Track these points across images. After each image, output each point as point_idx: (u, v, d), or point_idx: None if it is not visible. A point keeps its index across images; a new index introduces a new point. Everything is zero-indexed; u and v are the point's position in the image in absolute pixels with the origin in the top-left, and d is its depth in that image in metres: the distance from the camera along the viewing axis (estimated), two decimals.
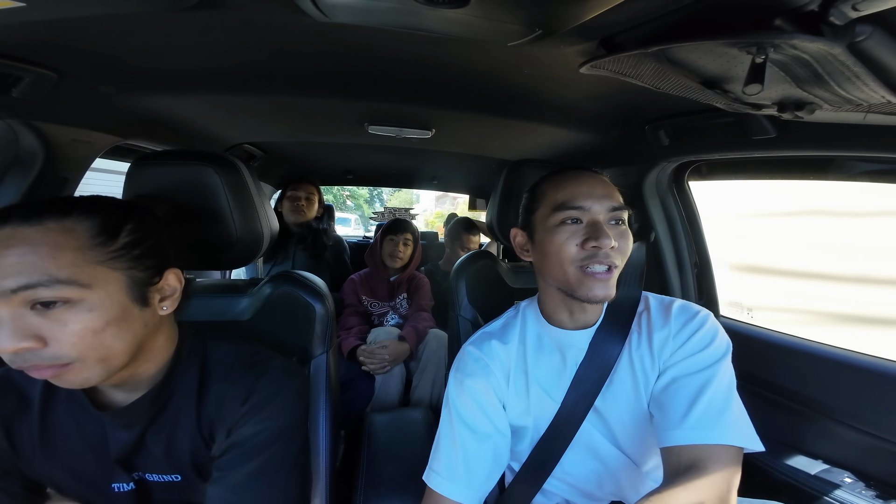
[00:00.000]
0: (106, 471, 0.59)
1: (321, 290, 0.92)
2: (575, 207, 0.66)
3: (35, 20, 0.56)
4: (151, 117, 1.07)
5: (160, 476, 0.61)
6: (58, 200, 0.50)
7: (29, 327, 0.45)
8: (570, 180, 0.69)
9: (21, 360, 0.46)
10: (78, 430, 0.59)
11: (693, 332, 0.68)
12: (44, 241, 0.46)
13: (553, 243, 0.67)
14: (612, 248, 0.64)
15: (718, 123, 0.90)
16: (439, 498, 0.66)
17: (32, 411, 0.59)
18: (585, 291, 0.65)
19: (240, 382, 0.60)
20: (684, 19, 0.49)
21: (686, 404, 0.62)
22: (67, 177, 0.98)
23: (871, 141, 0.71)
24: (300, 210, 2.00)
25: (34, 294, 0.45)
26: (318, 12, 0.54)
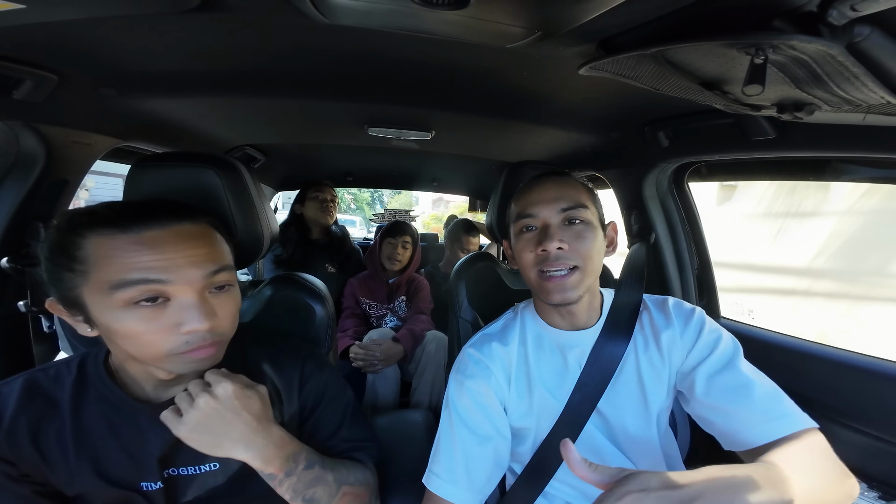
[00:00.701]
0: (137, 470, 0.59)
1: (321, 292, 0.93)
2: (526, 215, 0.70)
3: (35, 22, 0.56)
4: (152, 119, 1.08)
5: (195, 468, 0.61)
6: (188, 204, 0.58)
7: (211, 307, 0.54)
8: (527, 189, 0.74)
9: (200, 339, 0.53)
10: (111, 430, 0.59)
11: (698, 330, 0.70)
12: (211, 235, 0.57)
13: (517, 252, 0.72)
14: (560, 250, 0.66)
15: (718, 124, 0.90)
16: (439, 500, 0.66)
17: (62, 415, 0.58)
18: (545, 295, 0.68)
19: (289, 364, 0.69)
20: (683, 20, 0.49)
21: (744, 401, 0.62)
22: (68, 179, 0.98)
23: (870, 142, 0.71)
24: (329, 211, 1.99)
25: (219, 277, 0.55)
26: (318, 14, 0.54)
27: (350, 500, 0.64)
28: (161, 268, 0.50)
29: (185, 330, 0.51)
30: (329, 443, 0.69)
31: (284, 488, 0.59)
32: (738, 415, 0.62)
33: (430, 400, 1.60)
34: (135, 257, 0.49)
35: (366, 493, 0.68)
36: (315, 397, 0.70)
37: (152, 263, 0.50)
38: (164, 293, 0.51)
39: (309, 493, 0.60)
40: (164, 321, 0.51)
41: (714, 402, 0.65)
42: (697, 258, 1.31)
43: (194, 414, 0.54)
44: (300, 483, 0.60)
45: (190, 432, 0.54)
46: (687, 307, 0.75)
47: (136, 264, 0.49)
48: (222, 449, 0.55)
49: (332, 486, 0.62)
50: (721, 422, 0.64)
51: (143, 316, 0.50)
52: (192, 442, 0.54)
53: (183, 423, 0.54)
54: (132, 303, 0.49)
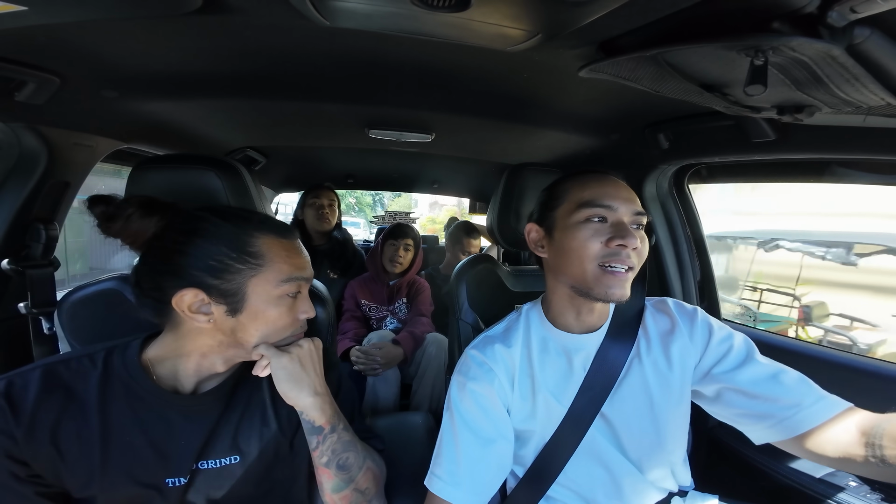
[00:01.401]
0: (164, 466, 0.60)
1: (322, 295, 0.92)
2: (602, 206, 0.67)
3: (38, 24, 0.57)
4: (153, 121, 1.08)
5: (218, 461, 0.63)
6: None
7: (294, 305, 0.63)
8: (596, 180, 0.70)
9: (302, 326, 0.65)
10: (140, 425, 0.59)
11: (708, 330, 0.72)
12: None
13: (575, 239, 0.68)
14: (633, 250, 0.65)
15: (718, 126, 0.90)
16: (441, 503, 0.65)
17: (87, 412, 0.57)
18: (603, 289, 0.65)
19: None
20: (683, 22, 0.49)
21: (780, 388, 0.64)
22: (69, 181, 0.99)
23: (871, 143, 0.71)
24: (325, 218, 1.95)
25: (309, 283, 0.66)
26: (319, 17, 0.54)
27: (370, 480, 0.68)
28: (305, 268, 0.64)
29: (303, 317, 0.64)
30: None
31: (326, 446, 0.64)
32: (778, 401, 0.63)
33: (430, 402, 1.60)
34: (295, 259, 0.62)
35: (381, 477, 0.71)
36: (334, 389, 0.72)
37: (300, 265, 0.63)
38: (301, 288, 0.63)
39: (343, 456, 0.65)
40: (294, 311, 0.63)
41: (749, 391, 0.65)
42: (698, 261, 1.31)
43: (297, 351, 0.63)
44: (339, 443, 0.65)
45: (286, 365, 0.62)
46: (688, 307, 0.75)
47: (297, 263, 0.62)
48: (297, 389, 0.62)
49: (360, 456, 0.67)
50: (759, 413, 0.64)
51: (288, 305, 0.62)
52: (281, 375, 0.62)
53: (284, 355, 0.62)
54: (285, 294, 0.61)
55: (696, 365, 0.71)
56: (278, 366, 0.62)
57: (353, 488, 0.65)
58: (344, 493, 0.65)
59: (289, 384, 0.62)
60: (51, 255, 0.95)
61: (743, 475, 1.00)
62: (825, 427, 0.59)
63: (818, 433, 0.60)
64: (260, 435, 0.66)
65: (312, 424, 0.64)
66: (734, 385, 0.67)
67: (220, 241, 0.58)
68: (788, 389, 0.63)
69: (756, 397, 0.64)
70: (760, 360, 0.68)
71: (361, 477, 0.66)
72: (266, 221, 0.63)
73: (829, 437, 0.59)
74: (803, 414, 0.60)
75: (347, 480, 0.65)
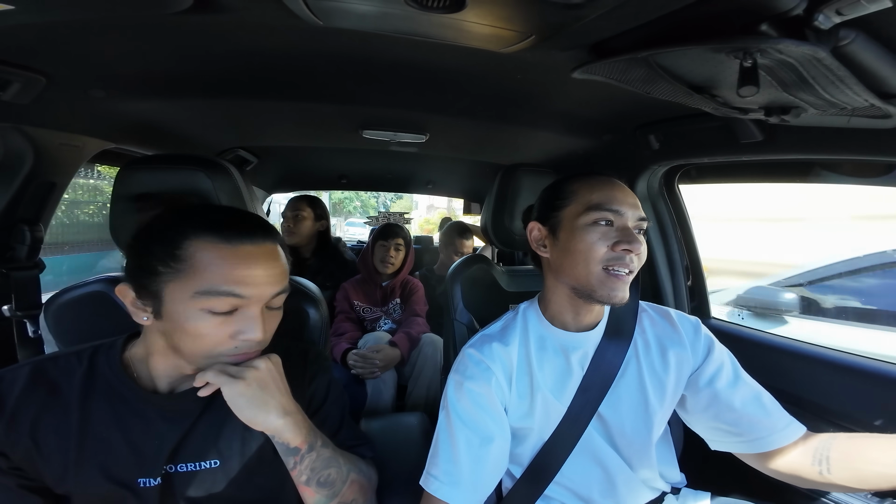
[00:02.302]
0: (138, 465, 0.59)
1: (315, 296, 0.92)
2: (611, 210, 0.68)
3: (24, 23, 0.55)
4: (142, 121, 1.06)
5: (195, 464, 0.61)
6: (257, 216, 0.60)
7: (264, 321, 0.56)
8: (605, 184, 0.71)
9: (248, 347, 0.56)
10: (117, 423, 0.59)
11: (708, 346, 0.75)
12: (282, 257, 0.60)
13: (582, 241, 0.68)
14: (636, 254, 0.67)
15: (707, 127, 0.91)
16: (437, 502, 0.65)
17: (67, 406, 0.57)
18: (606, 291, 0.67)
19: (297, 363, 0.70)
20: (673, 25, 0.49)
21: (762, 410, 0.70)
22: (55, 181, 0.97)
23: (855, 144, 0.73)
24: (289, 232, 1.91)
25: (280, 298, 0.59)
26: (312, 17, 0.54)
27: (357, 491, 0.66)
28: (247, 283, 0.53)
29: (242, 338, 0.55)
30: (333, 440, 0.69)
31: (304, 465, 0.60)
32: (760, 422, 0.69)
33: (425, 403, 1.60)
34: (230, 270, 0.53)
35: (369, 487, 0.69)
36: (321, 396, 0.72)
37: (242, 278, 0.53)
38: (238, 305, 0.54)
39: (325, 473, 0.61)
40: (228, 328, 0.54)
41: (738, 409, 0.70)
42: (688, 260, 1.33)
43: (253, 374, 0.56)
44: (318, 461, 0.61)
45: (243, 392, 0.55)
46: (691, 319, 0.78)
47: (230, 277, 0.53)
48: (263, 414, 0.56)
49: (343, 470, 0.64)
50: (738, 430, 0.70)
51: (213, 321, 0.53)
52: (240, 403, 0.55)
53: (239, 381, 0.55)
54: (209, 310, 0.52)
55: (692, 374, 0.74)
56: (235, 393, 0.55)
57: (338, 501, 0.63)
58: None
59: (252, 411, 0.56)
60: (36, 256, 0.93)
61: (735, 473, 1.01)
62: (786, 448, 0.68)
63: (779, 452, 0.69)
64: (242, 439, 0.63)
65: (287, 446, 0.59)
66: (726, 402, 0.71)
67: (153, 239, 0.55)
68: (768, 412, 0.70)
69: (742, 416, 0.70)
70: (745, 380, 0.73)
71: (346, 490, 0.64)
72: (213, 223, 0.54)
73: (787, 456, 0.68)
74: (775, 437, 0.68)
75: (331, 496, 0.62)
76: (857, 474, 0.61)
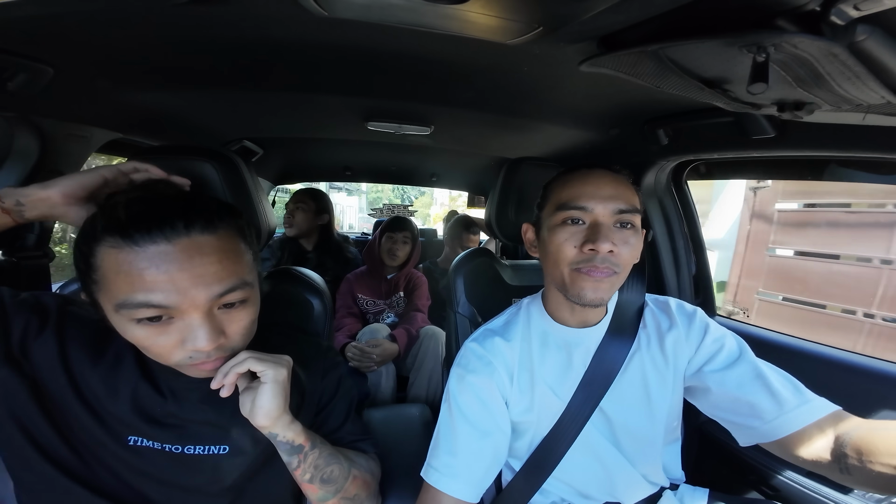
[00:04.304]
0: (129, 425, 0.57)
1: (319, 287, 0.93)
2: (576, 207, 0.64)
3: (31, 14, 0.56)
4: (148, 111, 1.06)
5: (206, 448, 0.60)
6: (213, 205, 0.53)
7: (218, 325, 0.51)
8: (577, 179, 0.68)
9: (205, 356, 0.51)
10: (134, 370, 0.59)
11: (703, 329, 0.72)
12: (228, 248, 0.51)
13: (552, 242, 0.66)
14: (610, 253, 0.62)
15: (718, 123, 0.89)
16: (437, 494, 0.66)
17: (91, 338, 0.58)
18: (577, 291, 0.64)
19: (311, 356, 0.70)
20: (684, 18, 0.48)
21: (764, 390, 0.63)
22: (63, 171, 0.97)
23: (870, 142, 0.71)
24: (289, 223, 1.96)
25: (230, 297, 0.51)
26: (317, 7, 0.53)
27: (359, 486, 0.66)
28: (164, 290, 0.46)
29: (188, 348, 0.50)
30: (336, 434, 0.71)
31: (308, 463, 0.59)
32: (760, 404, 0.63)
33: (427, 395, 1.61)
34: (139, 276, 0.46)
35: (372, 482, 0.69)
36: (331, 390, 0.72)
37: (155, 285, 0.46)
38: (168, 313, 0.48)
39: (328, 470, 0.61)
40: (169, 337, 0.49)
41: (732, 394, 0.66)
42: (694, 256, 1.31)
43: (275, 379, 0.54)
44: (321, 458, 0.61)
45: (272, 398, 0.54)
46: (688, 308, 0.76)
47: (140, 285, 0.46)
48: (282, 415, 0.56)
49: (345, 466, 0.64)
50: (744, 413, 0.65)
51: (148, 332, 0.49)
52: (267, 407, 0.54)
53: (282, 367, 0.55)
54: (136, 320, 0.48)
55: (689, 361, 0.72)
56: (275, 379, 0.54)
57: (341, 497, 0.63)
58: (331, 501, 0.63)
59: (275, 402, 0.54)
60: (45, 246, 0.94)
61: (734, 469, 1.01)
62: (805, 432, 0.60)
63: (797, 437, 0.60)
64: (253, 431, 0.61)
65: (292, 444, 0.58)
66: (722, 385, 0.67)
67: (77, 246, 0.50)
68: (773, 392, 0.63)
69: (739, 398, 0.65)
70: (750, 361, 0.68)
71: (349, 485, 0.64)
72: (119, 222, 0.46)
73: (806, 441, 0.60)
74: (784, 418, 0.61)
75: (334, 491, 0.62)
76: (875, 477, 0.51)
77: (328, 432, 0.70)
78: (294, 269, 0.96)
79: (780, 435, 0.61)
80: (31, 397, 0.55)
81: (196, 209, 0.50)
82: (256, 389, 0.54)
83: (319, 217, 2.00)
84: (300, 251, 2.00)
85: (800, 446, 0.60)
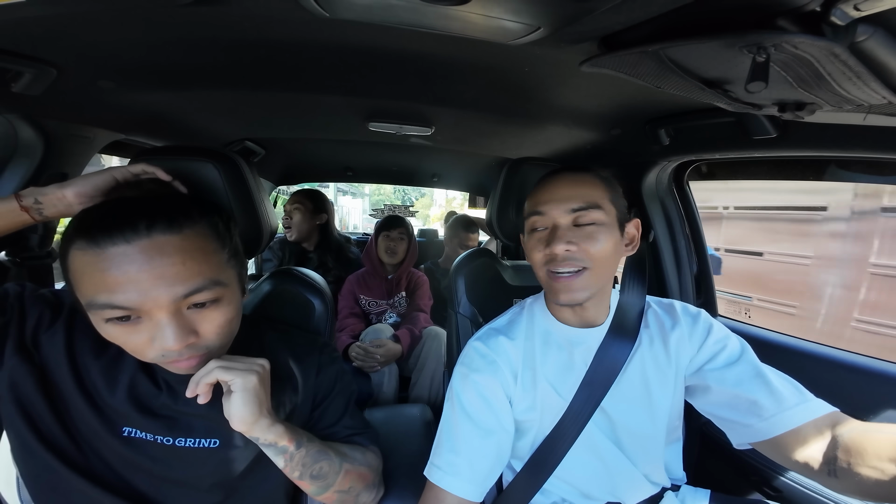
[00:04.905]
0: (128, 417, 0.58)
1: (321, 287, 0.93)
2: (536, 213, 0.69)
3: (35, 15, 0.56)
4: (151, 112, 1.07)
5: (197, 440, 0.61)
6: (181, 205, 0.53)
7: (188, 324, 0.51)
8: (540, 185, 0.72)
9: (176, 354, 0.51)
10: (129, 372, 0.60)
11: (707, 330, 0.73)
12: (193, 248, 0.51)
13: (527, 250, 0.71)
14: (568, 251, 0.64)
15: (719, 123, 0.89)
16: (440, 492, 0.66)
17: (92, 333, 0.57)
18: (553, 295, 0.68)
19: (306, 353, 0.71)
20: (684, 18, 0.48)
21: (763, 389, 0.63)
22: (66, 172, 0.98)
23: (871, 142, 0.71)
24: (288, 225, 1.96)
25: (197, 297, 0.50)
26: (319, 9, 0.54)
27: (354, 479, 0.66)
28: (125, 291, 0.47)
29: (157, 347, 0.50)
30: (332, 429, 0.71)
31: (296, 462, 0.59)
32: (760, 401, 0.63)
33: (429, 395, 1.61)
34: (101, 278, 0.47)
35: (369, 474, 0.69)
36: (328, 386, 0.72)
37: (117, 286, 0.46)
38: (134, 313, 0.48)
39: (316, 467, 0.61)
40: (140, 336, 0.50)
41: (731, 391, 0.66)
42: (696, 257, 1.31)
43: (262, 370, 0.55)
44: (308, 456, 0.60)
45: (243, 406, 0.53)
46: (693, 309, 0.77)
47: (102, 286, 0.47)
48: (256, 414, 0.54)
49: (336, 461, 0.64)
50: (742, 411, 0.65)
51: (119, 331, 0.50)
52: (246, 398, 0.53)
53: (251, 374, 0.54)
54: (105, 320, 0.49)
55: (691, 359, 0.72)
56: (246, 387, 0.53)
57: (334, 490, 0.64)
58: (326, 495, 0.64)
59: (250, 408, 0.54)
60: (48, 245, 0.95)
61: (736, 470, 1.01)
62: (801, 430, 0.60)
63: (793, 436, 0.60)
64: None
65: (275, 446, 0.58)
66: (722, 382, 0.68)
67: (59, 247, 0.51)
68: (772, 389, 0.63)
69: (739, 395, 0.65)
70: (750, 361, 0.68)
71: (342, 479, 0.64)
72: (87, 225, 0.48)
73: (801, 440, 0.59)
74: (782, 415, 0.61)
75: (326, 486, 0.63)
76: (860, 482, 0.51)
77: (325, 427, 0.71)
78: (295, 270, 0.96)
79: (777, 432, 0.61)
80: (38, 387, 0.56)
81: (161, 210, 0.50)
82: (231, 393, 0.54)
83: (317, 217, 2.00)
84: (301, 251, 2.00)
85: (794, 446, 0.60)
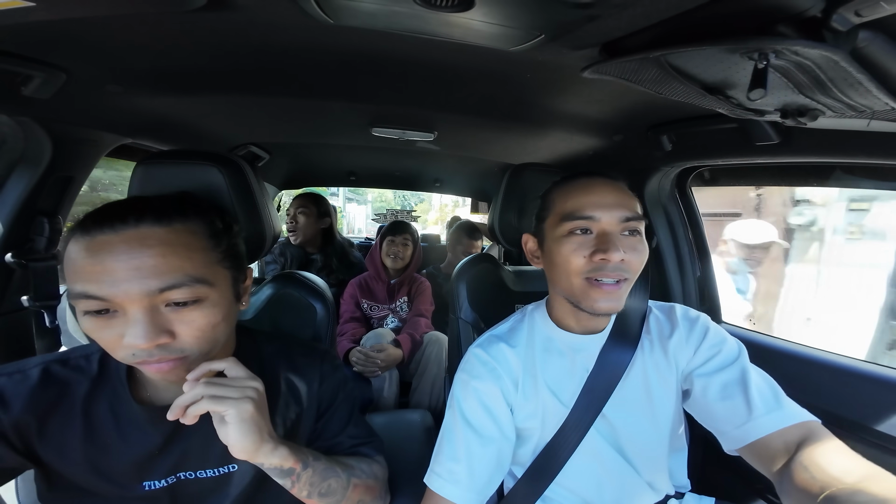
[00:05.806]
0: (139, 471, 0.58)
1: (322, 291, 0.93)
2: (583, 217, 0.64)
3: (45, 20, 0.57)
4: (157, 117, 1.08)
5: (213, 471, 0.60)
6: (176, 202, 0.52)
7: (163, 323, 0.48)
8: (580, 188, 0.68)
9: (146, 354, 0.48)
10: (118, 429, 0.58)
11: (703, 333, 0.71)
12: (178, 242, 0.49)
13: (559, 254, 0.66)
14: (621, 261, 0.62)
15: (721, 129, 0.89)
16: (440, 500, 0.65)
17: (73, 410, 0.57)
18: (590, 303, 0.64)
19: (306, 364, 0.70)
20: (686, 24, 0.49)
21: (740, 396, 0.62)
22: (73, 175, 0.99)
23: (874, 148, 0.71)
24: (292, 229, 1.98)
25: (174, 294, 0.48)
26: (323, 16, 0.54)
27: (362, 492, 0.65)
28: (99, 280, 0.45)
29: (125, 344, 0.47)
30: (337, 439, 0.70)
31: (303, 483, 0.58)
32: (734, 409, 0.62)
33: (430, 401, 1.60)
34: (80, 266, 0.46)
35: (376, 486, 0.69)
36: (331, 396, 0.71)
37: (92, 275, 0.45)
38: (109, 306, 0.47)
39: (325, 485, 0.60)
40: (112, 331, 0.48)
41: (712, 397, 0.66)
42: (699, 263, 1.30)
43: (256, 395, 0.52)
44: (315, 475, 0.59)
45: (243, 436, 0.50)
46: (693, 313, 0.76)
47: (80, 275, 0.46)
48: (261, 446, 0.52)
49: (343, 477, 0.63)
50: (720, 418, 0.65)
51: (93, 324, 0.48)
52: (240, 445, 0.50)
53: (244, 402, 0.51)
54: (84, 312, 0.47)
55: (687, 363, 0.72)
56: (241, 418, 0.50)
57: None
58: None
59: (251, 437, 0.51)
60: (54, 248, 0.96)
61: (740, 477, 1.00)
62: (768, 440, 0.59)
63: (761, 445, 0.59)
64: None
65: (281, 469, 0.55)
66: (707, 388, 0.67)
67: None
68: (748, 398, 0.62)
69: (718, 403, 0.65)
70: (740, 366, 0.67)
71: (351, 493, 0.63)
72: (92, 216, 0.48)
73: (767, 450, 0.59)
74: (751, 424, 0.60)
75: (335, 502, 0.62)
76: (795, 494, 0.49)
77: (329, 437, 0.70)
78: (297, 274, 0.96)
79: (746, 441, 0.61)
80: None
81: (155, 205, 0.50)
82: (226, 424, 0.51)
83: (321, 220, 2.02)
84: (304, 254, 2.01)
85: (762, 455, 0.59)
